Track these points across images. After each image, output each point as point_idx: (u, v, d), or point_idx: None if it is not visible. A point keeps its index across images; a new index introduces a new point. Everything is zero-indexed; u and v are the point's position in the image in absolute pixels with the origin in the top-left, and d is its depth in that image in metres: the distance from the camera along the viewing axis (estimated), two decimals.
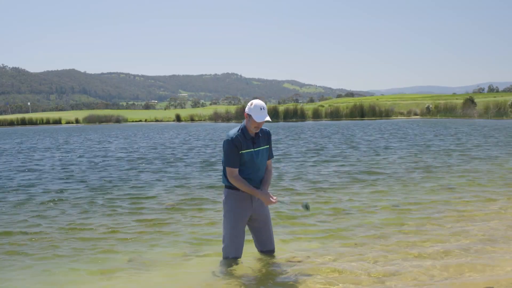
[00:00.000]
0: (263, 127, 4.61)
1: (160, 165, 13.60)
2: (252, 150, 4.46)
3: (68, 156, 17.22)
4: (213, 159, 14.72)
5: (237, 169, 4.42)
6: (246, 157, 4.44)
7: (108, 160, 15.35)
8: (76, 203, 8.06)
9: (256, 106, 4.36)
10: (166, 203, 7.91)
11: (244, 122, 4.49)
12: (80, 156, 17.09)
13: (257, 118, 4.33)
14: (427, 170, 11.02)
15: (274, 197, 4.46)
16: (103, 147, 21.46)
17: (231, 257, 4.61)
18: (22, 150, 21.27)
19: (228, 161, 4.40)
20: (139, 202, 8.10)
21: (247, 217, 4.60)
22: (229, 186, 4.57)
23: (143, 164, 13.86)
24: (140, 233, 6.12)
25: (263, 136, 4.57)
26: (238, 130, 4.45)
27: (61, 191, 9.36)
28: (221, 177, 10.42)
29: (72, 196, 8.73)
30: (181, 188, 9.35)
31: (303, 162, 13.31)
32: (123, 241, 5.79)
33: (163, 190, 9.16)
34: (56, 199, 8.45)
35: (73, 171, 12.64)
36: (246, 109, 4.43)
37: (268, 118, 4.35)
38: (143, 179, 10.81)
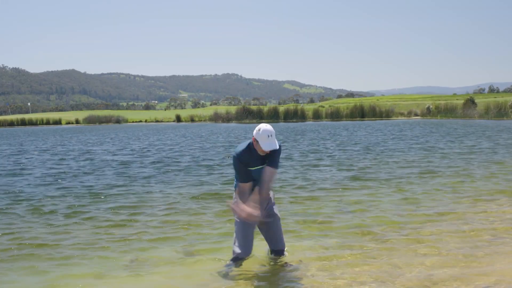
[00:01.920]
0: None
1: (157, 165, 13.54)
2: (261, 166, 4.37)
3: (62, 158, 17.16)
4: (205, 162, 14.66)
5: (247, 184, 4.33)
6: (255, 174, 4.38)
7: (99, 162, 15.29)
8: (70, 205, 8.00)
9: (264, 132, 4.16)
10: (162, 205, 7.84)
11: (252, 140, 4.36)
12: (72, 159, 17.04)
13: (265, 146, 4.17)
14: (433, 175, 10.95)
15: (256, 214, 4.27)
16: (95, 150, 21.41)
17: (240, 256, 4.56)
18: (13, 153, 21.22)
19: (238, 176, 4.36)
20: (138, 204, 8.03)
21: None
22: None
23: (140, 167, 13.81)
24: (140, 233, 6.06)
25: (273, 152, 4.36)
26: (246, 147, 4.33)
27: (53, 192, 9.30)
28: (217, 181, 10.40)
29: (63, 197, 8.67)
30: (179, 191, 9.28)
31: (306, 165, 13.25)
32: (123, 241, 5.73)
33: (160, 193, 9.10)
34: (51, 200, 8.39)
35: (64, 172, 12.59)
36: (254, 133, 4.26)
37: (276, 147, 4.15)
38: (139, 181, 10.76)
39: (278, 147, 4.20)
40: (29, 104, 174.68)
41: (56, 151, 20.13)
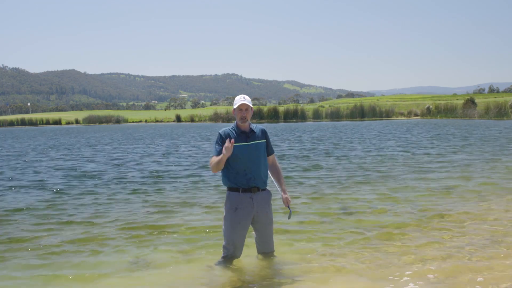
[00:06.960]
0: (259, 126, 4.61)
1: (147, 169, 13.54)
2: (246, 143, 4.44)
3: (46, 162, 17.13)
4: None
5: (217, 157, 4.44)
6: (238, 151, 4.40)
7: (93, 165, 15.28)
8: (65, 207, 7.99)
9: (237, 97, 4.50)
10: (148, 208, 7.83)
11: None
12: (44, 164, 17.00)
13: (237, 104, 4.40)
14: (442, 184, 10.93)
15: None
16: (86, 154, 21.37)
17: (230, 256, 4.53)
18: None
19: (213, 150, 4.49)
20: (137, 205, 8.03)
21: (249, 217, 4.47)
22: (230, 188, 4.51)
23: (134, 169, 13.81)
24: (140, 234, 6.05)
25: (259, 132, 4.58)
26: (229, 128, 4.53)
27: (56, 192, 9.30)
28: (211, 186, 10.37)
29: (59, 198, 8.67)
30: (178, 191, 9.28)
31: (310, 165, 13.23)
32: (124, 241, 5.72)
33: (159, 194, 9.09)
34: (46, 203, 8.39)
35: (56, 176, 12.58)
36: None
37: (245, 102, 4.39)
38: (134, 185, 10.76)
39: (250, 104, 4.44)
40: (29, 104, 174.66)
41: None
